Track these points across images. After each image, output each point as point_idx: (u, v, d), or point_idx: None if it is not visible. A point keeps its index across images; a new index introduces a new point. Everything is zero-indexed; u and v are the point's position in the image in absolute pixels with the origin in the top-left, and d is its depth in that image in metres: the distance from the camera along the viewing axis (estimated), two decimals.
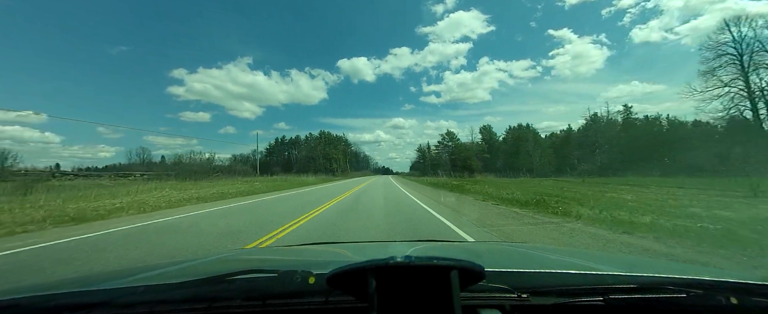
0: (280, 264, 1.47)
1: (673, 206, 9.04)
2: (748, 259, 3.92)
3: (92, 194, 14.22)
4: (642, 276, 0.99)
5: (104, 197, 13.51)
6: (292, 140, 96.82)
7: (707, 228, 5.52)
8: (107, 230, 6.73)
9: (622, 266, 1.42)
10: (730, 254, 4.12)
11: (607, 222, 6.51)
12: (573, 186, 21.16)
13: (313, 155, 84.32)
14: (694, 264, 3.71)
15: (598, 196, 12.73)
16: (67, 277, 1.97)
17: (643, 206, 8.97)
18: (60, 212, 9.18)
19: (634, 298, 0.85)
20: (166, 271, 1.28)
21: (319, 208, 10.22)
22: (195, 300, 0.82)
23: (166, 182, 25.06)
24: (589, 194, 14.02)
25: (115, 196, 14.17)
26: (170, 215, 9.23)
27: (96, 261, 4.30)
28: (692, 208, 8.62)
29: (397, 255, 0.65)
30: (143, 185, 20.87)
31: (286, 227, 6.68)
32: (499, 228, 6.43)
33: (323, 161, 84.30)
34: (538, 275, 0.98)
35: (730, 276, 0.93)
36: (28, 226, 7.16)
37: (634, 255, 4.18)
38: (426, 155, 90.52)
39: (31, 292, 0.88)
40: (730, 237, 4.82)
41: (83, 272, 3.79)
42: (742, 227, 5.51)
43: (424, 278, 0.67)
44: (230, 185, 24.02)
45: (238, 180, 32.26)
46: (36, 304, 0.81)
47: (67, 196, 13.36)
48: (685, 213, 7.48)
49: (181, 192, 17.07)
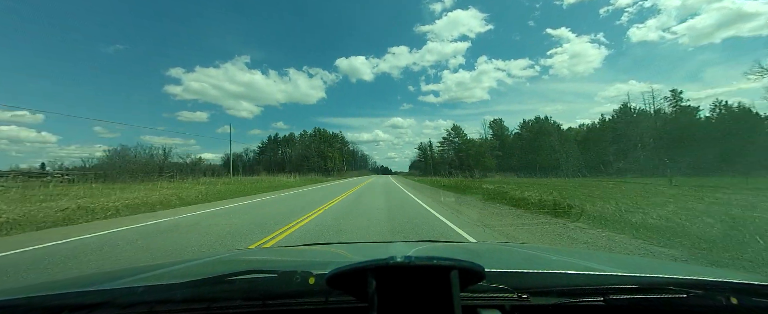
0: (280, 264, 1.46)
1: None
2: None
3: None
4: (643, 276, 0.97)
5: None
6: (286, 138, 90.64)
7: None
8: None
9: (622, 266, 1.40)
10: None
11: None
12: (660, 189, 14.38)
13: (307, 153, 78.23)
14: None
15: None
16: (68, 277, 1.73)
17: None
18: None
19: (635, 298, 0.84)
20: (166, 271, 1.26)
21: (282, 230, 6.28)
22: (195, 300, 0.82)
23: (83, 185, 18.60)
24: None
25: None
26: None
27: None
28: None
29: (397, 255, 0.65)
30: (39, 190, 15.35)
31: None
32: None
33: (318, 159, 78.19)
34: (538, 275, 0.95)
35: (731, 276, 0.92)
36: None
37: (634, 255, 4.04)
38: (427, 153, 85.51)
39: (31, 292, 0.88)
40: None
41: (83, 272, 3.74)
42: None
43: (424, 278, 0.66)
44: (173, 189, 18.46)
45: (199, 181, 25.96)
46: (36, 304, 0.81)
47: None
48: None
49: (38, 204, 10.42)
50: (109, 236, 6.26)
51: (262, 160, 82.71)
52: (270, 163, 77.44)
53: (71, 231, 6.75)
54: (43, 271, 4.01)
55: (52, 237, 6.17)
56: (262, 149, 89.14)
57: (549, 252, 1.95)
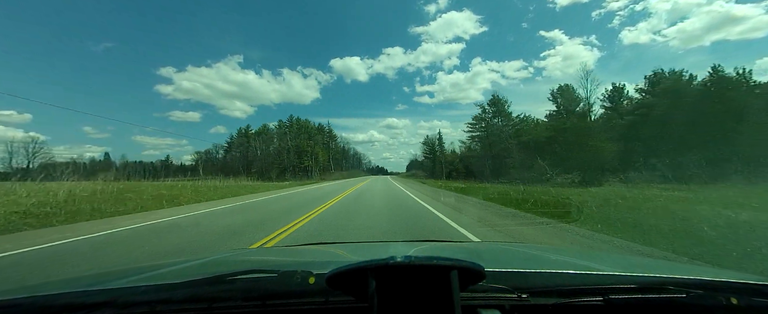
0: (280, 264, 1.45)
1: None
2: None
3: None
4: (642, 276, 0.98)
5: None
6: (258, 131, 72.78)
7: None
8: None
9: (622, 266, 1.40)
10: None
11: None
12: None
13: (283, 148, 65.96)
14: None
15: None
16: (68, 277, 1.75)
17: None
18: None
19: (635, 298, 0.84)
20: (167, 271, 1.26)
21: None
22: (195, 300, 0.82)
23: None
24: None
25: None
26: None
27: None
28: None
29: (397, 255, 0.65)
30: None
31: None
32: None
33: (294, 157, 64.36)
34: (538, 275, 0.96)
35: (730, 276, 0.92)
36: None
37: (635, 255, 4.02)
38: (436, 148, 73.20)
39: (31, 292, 0.87)
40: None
41: (84, 272, 3.69)
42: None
43: (424, 278, 0.66)
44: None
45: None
46: (37, 304, 0.81)
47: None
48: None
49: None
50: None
51: (231, 158, 70.42)
52: (238, 162, 65.75)
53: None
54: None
55: None
56: (229, 144, 74.61)
57: (549, 251, 1.95)
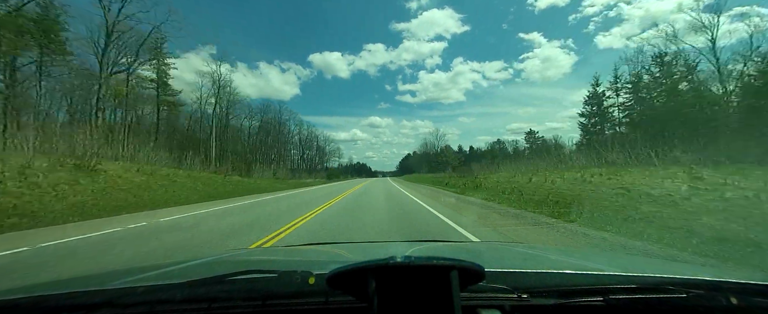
0: (280, 264, 1.46)
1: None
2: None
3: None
4: (642, 276, 0.98)
5: None
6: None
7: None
8: None
9: (622, 266, 1.40)
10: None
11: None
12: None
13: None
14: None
15: None
16: (68, 277, 1.67)
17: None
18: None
19: (635, 298, 0.84)
20: (166, 271, 1.27)
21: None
22: (195, 300, 0.82)
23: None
24: None
25: None
26: None
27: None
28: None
29: (397, 255, 0.65)
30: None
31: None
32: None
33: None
34: (538, 275, 0.95)
35: (730, 276, 0.92)
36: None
37: (635, 255, 4.00)
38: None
39: (31, 292, 0.87)
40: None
41: (83, 272, 3.63)
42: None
43: (424, 278, 0.66)
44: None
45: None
46: (37, 304, 0.81)
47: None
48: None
49: None
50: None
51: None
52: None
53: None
54: None
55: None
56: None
57: (549, 251, 1.96)
